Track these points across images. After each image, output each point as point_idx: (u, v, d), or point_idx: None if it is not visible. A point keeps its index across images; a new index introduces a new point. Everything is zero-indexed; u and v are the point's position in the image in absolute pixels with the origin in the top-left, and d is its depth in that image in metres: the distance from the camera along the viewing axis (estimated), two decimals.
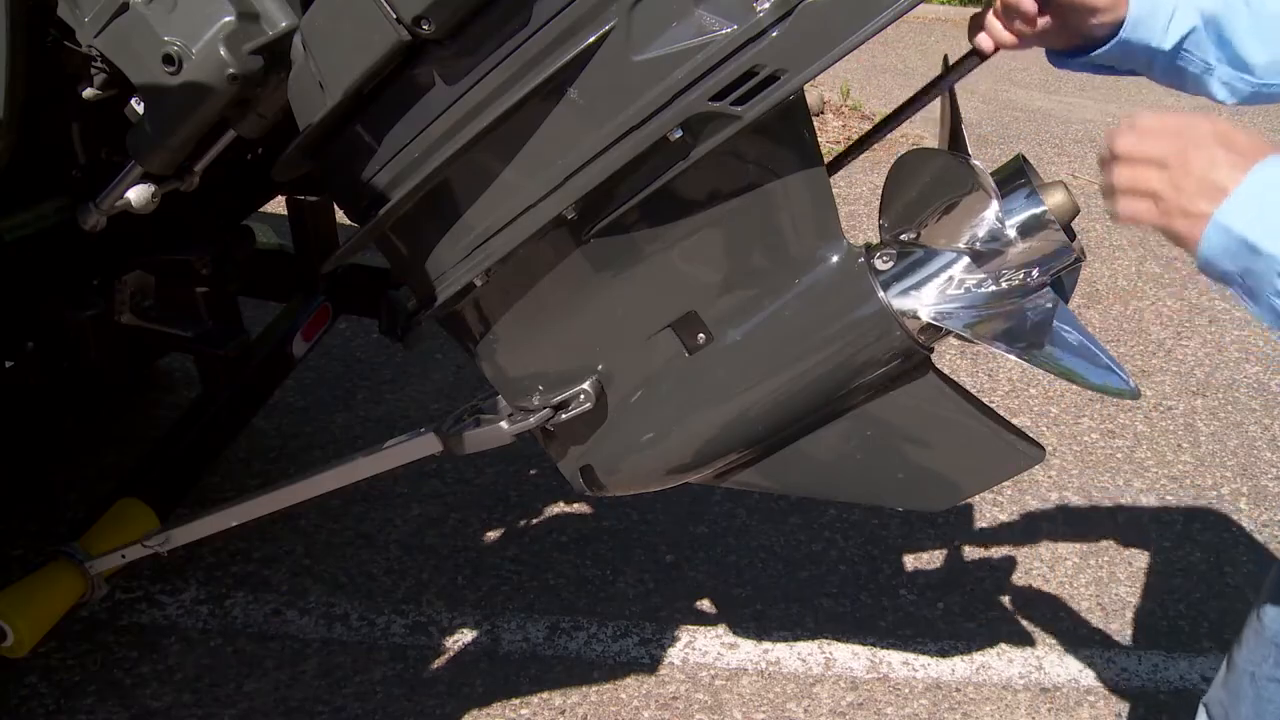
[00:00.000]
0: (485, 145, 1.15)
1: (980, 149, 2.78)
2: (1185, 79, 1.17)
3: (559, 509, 2.57)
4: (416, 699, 2.01)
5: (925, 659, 2.17)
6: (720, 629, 2.23)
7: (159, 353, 2.57)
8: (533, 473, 2.67)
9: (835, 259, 1.19)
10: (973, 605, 2.32)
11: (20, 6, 1.33)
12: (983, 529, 2.56)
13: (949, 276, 1.16)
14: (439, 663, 2.11)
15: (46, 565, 1.86)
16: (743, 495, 2.60)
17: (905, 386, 1.25)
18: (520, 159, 1.16)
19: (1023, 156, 1.17)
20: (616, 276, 1.25)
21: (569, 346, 1.32)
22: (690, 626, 2.23)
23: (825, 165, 1.17)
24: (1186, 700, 2.09)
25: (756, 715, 2.02)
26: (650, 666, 2.13)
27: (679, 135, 1.08)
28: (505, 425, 1.42)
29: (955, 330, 1.15)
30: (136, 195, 1.51)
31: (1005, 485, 2.68)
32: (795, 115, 1.13)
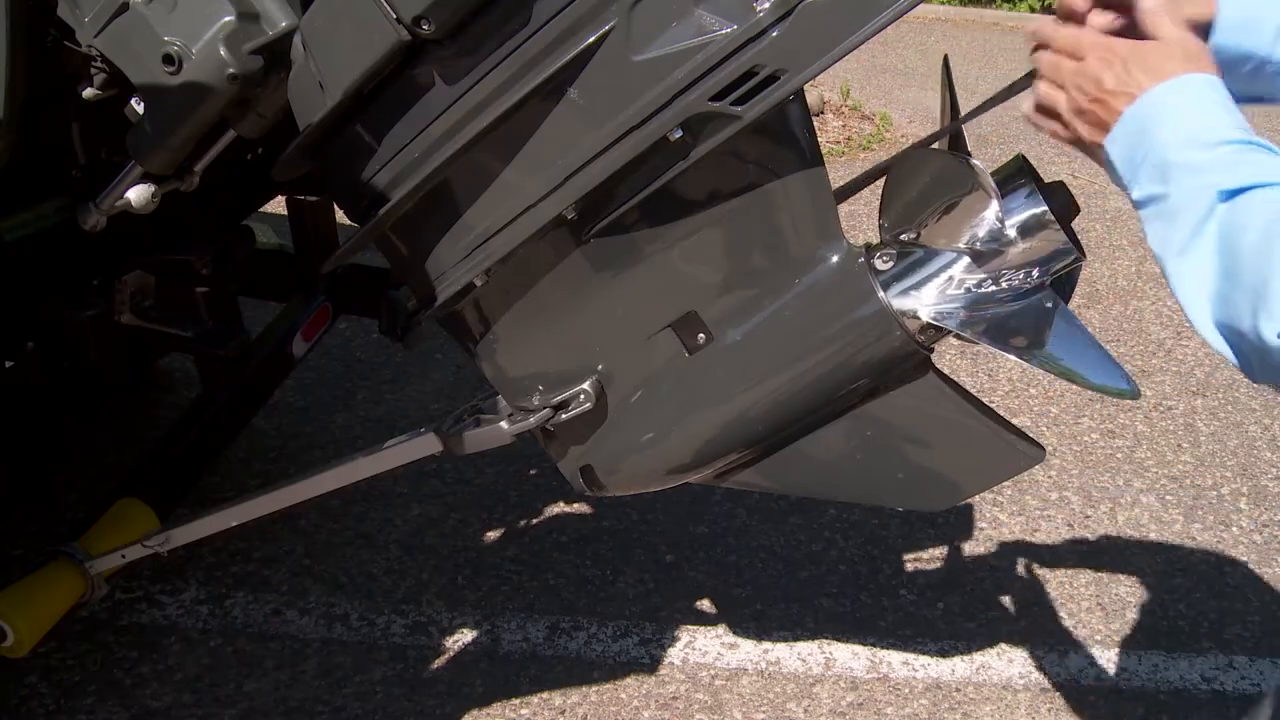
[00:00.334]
0: (485, 145, 1.15)
1: (980, 149, 2.78)
2: None
3: (559, 509, 2.57)
4: (416, 699, 2.01)
5: (925, 659, 2.17)
6: (720, 629, 2.23)
7: (159, 353, 2.57)
8: (533, 473, 2.67)
9: (835, 259, 1.19)
10: (973, 605, 2.32)
11: (20, 6, 1.33)
12: (983, 529, 2.56)
13: (949, 276, 1.16)
14: (439, 663, 2.11)
15: (46, 565, 1.86)
16: (743, 495, 2.60)
17: (905, 386, 1.25)
18: (520, 159, 1.16)
19: (1023, 156, 1.17)
20: (616, 276, 1.25)
21: (569, 346, 1.32)
22: (690, 626, 2.23)
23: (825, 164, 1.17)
24: (1186, 700, 2.09)
25: (756, 715, 2.02)
26: (650, 666, 2.12)
27: (679, 135, 1.09)
28: (505, 425, 1.42)
29: (955, 330, 1.15)
30: (136, 195, 1.51)
31: (1005, 485, 2.67)
32: (795, 115, 1.13)
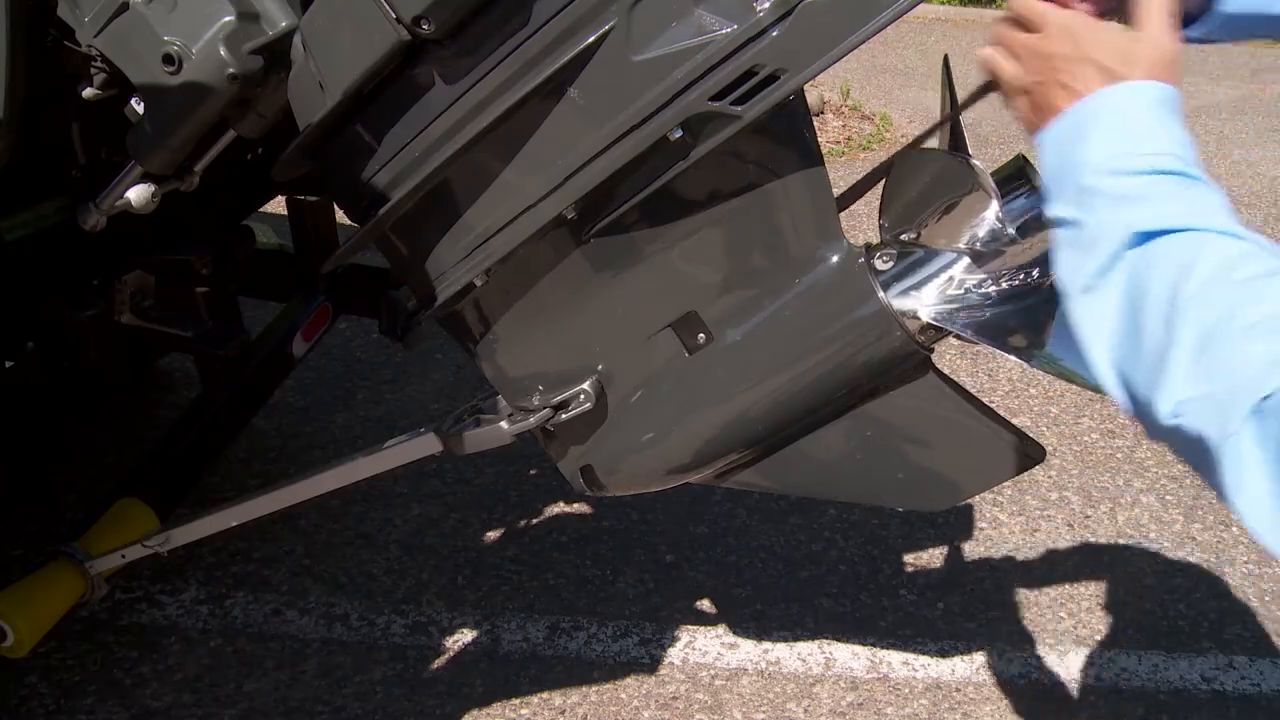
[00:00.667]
0: (485, 145, 1.15)
1: (980, 149, 2.77)
2: None
3: (559, 509, 2.57)
4: (416, 699, 2.01)
5: (925, 659, 2.17)
6: (720, 629, 2.23)
7: (159, 353, 2.57)
8: (533, 473, 2.67)
9: (835, 259, 1.19)
10: (973, 605, 2.32)
11: (20, 6, 1.33)
12: (983, 529, 2.56)
13: (949, 276, 1.16)
14: (439, 663, 2.11)
15: (46, 565, 1.86)
16: (743, 495, 2.60)
17: (905, 386, 1.25)
18: (520, 159, 1.16)
19: (1023, 156, 1.16)
20: (617, 276, 1.24)
21: (569, 346, 1.32)
22: (690, 626, 2.23)
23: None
24: (1186, 700, 2.09)
25: (756, 715, 2.02)
26: (650, 666, 2.12)
27: (679, 135, 1.08)
28: (505, 425, 1.42)
29: (955, 330, 1.15)
30: (136, 195, 1.51)
31: (1005, 485, 2.67)
32: (795, 115, 1.13)
